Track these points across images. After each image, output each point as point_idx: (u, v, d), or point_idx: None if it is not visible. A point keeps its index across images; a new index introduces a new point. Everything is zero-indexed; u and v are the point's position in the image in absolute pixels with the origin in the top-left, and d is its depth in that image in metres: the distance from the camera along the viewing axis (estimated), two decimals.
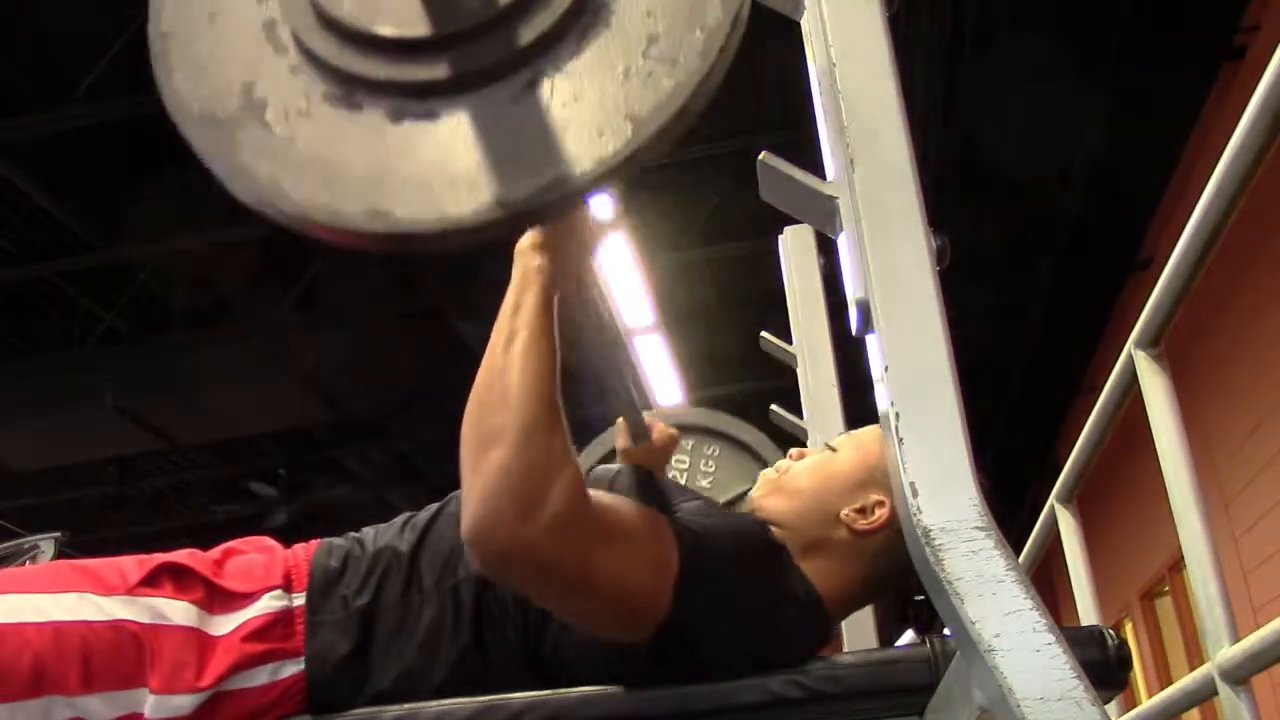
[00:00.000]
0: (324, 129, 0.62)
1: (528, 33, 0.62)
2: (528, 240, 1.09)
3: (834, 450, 1.29)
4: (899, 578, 1.20)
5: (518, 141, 0.61)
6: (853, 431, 1.36)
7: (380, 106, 0.62)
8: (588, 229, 1.13)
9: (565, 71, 0.62)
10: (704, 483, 2.25)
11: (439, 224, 0.59)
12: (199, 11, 0.67)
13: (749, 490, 2.20)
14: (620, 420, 1.56)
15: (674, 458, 2.18)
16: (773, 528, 1.23)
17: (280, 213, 0.61)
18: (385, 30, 0.62)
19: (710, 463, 2.26)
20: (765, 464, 2.23)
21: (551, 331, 1.04)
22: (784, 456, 1.94)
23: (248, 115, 0.63)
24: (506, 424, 0.97)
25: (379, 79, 0.63)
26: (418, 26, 0.62)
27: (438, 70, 0.62)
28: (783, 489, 1.28)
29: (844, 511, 1.22)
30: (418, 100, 0.62)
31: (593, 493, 1.05)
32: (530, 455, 0.96)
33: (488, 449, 0.97)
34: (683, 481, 2.22)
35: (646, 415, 1.54)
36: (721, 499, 2.22)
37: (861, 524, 1.21)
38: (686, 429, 2.11)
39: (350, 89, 0.63)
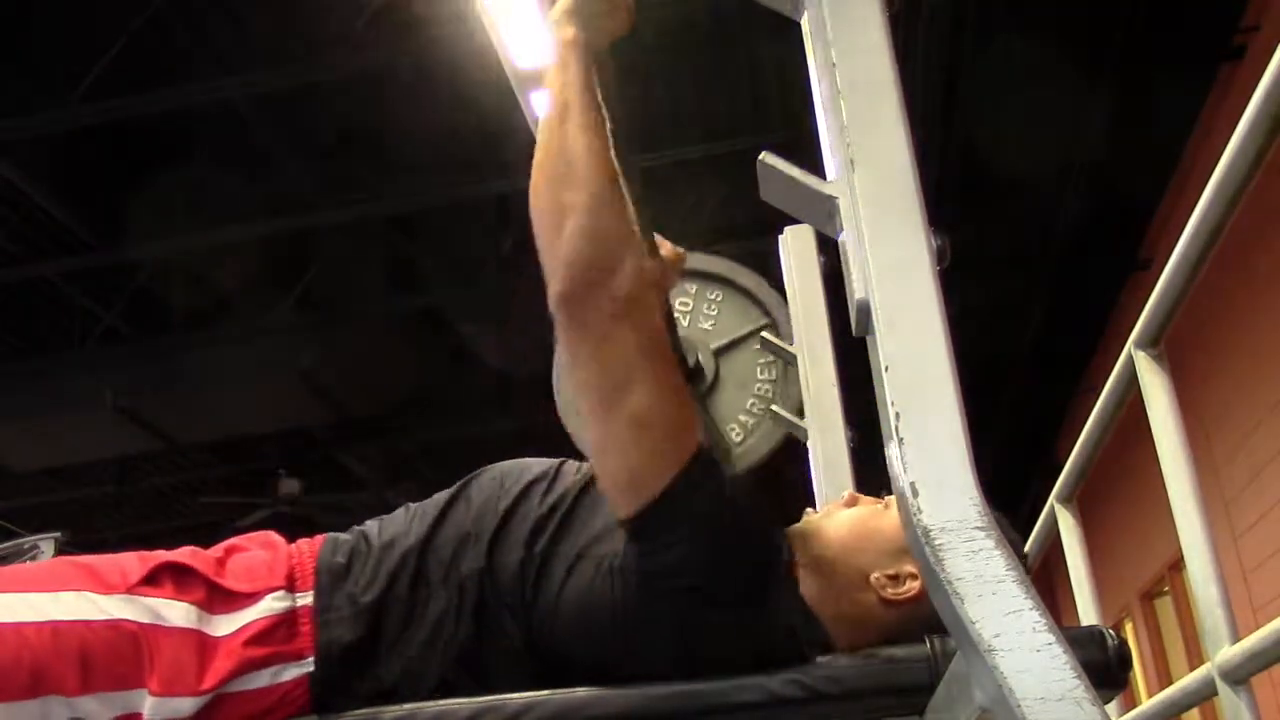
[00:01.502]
0: None
1: None
2: (560, 9, 1.13)
3: (885, 507, 1.22)
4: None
5: None
6: None
7: None
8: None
9: None
10: (706, 325, 2.31)
11: None
12: None
13: (749, 333, 2.27)
14: None
15: (677, 300, 2.22)
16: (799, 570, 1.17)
17: None
18: None
19: (713, 306, 2.32)
20: (764, 308, 2.31)
21: (598, 102, 1.09)
22: (783, 302, 1.97)
23: None
24: (576, 199, 1.05)
25: None
26: None
27: None
28: (820, 535, 1.21)
29: (875, 575, 1.15)
30: None
31: None
32: (604, 225, 1.05)
33: (564, 219, 1.05)
34: (685, 325, 2.26)
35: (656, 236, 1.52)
36: (721, 341, 2.28)
37: (890, 592, 1.15)
38: (689, 274, 2.17)
39: None
